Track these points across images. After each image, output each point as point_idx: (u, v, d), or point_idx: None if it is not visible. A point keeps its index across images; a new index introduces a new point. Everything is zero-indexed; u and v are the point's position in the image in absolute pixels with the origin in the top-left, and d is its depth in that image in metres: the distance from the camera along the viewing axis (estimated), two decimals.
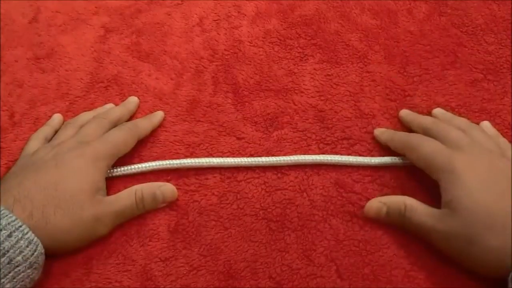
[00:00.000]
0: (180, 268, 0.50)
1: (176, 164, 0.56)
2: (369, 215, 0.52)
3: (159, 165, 0.56)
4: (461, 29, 0.65)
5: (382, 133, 0.56)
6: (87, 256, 0.51)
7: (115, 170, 0.55)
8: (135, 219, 0.53)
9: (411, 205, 0.49)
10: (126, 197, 0.52)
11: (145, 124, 0.58)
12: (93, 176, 0.50)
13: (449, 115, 0.57)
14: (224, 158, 0.56)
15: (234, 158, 0.56)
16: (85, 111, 0.61)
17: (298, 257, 0.50)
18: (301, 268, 0.50)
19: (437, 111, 0.58)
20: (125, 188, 0.53)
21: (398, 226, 0.51)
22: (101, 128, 0.55)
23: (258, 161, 0.55)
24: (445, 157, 0.48)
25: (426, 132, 0.53)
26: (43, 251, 0.46)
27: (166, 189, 0.54)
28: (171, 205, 0.54)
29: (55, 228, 0.47)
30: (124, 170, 0.55)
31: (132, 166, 0.55)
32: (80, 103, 0.62)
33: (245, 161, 0.55)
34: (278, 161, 0.55)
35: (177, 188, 0.55)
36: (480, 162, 0.47)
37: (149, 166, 0.55)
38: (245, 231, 0.52)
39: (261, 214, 0.53)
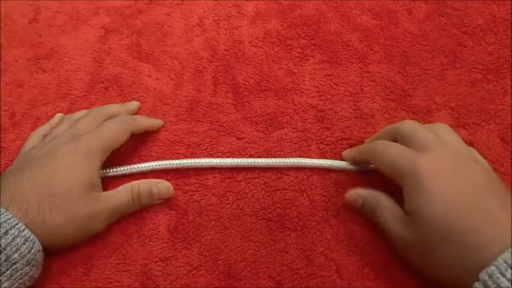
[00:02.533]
0: (180, 268, 0.50)
1: (176, 164, 0.56)
2: (347, 202, 0.52)
3: (158, 165, 0.56)
4: (461, 29, 0.65)
5: (348, 151, 0.56)
6: (87, 255, 0.51)
7: (114, 169, 0.55)
8: (134, 219, 0.53)
9: (382, 204, 0.48)
10: (122, 193, 0.52)
11: (141, 119, 0.58)
12: (86, 172, 0.50)
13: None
14: (223, 159, 0.56)
15: (233, 159, 0.56)
16: None
17: (298, 257, 0.50)
18: (301, 268, 0.50)
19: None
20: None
21: (371, 221, 0.51)
22: (95, 122, 0.55)
23: (257, 162, 0.56)
24: (410, 159, 0.46)
25: (394, 137, 0.52)
26: (40, 248, 0.46)
27: (163, 186, 0.54)
28: (171, 205, 0.54)
29: (51, 226, 0.47)
30: (123, 170, 0.55)
31: (131, 166, 0.55)
32: (80, 103, 0.62)
33: (244, 162, 0.55)
34: (276, 163, 0.55)
35: (177, 188, 0.55)
36: (446, 165, 0.46)
37: (148, 166, 0.55)
38: (245, 231, 0.52)
39: (261, 214, 0.53)
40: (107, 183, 0.54)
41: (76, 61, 0.66)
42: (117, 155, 0.57)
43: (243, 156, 0.57)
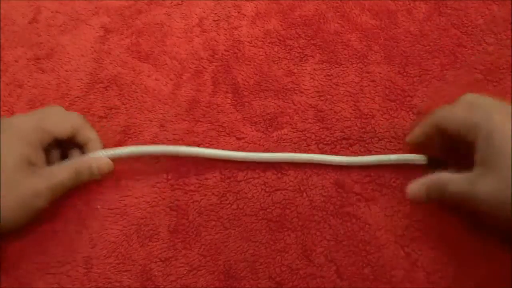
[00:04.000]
0: (180, 268, 0.50)
1: (154, 150, 0.56)
2: (413, 199, 0.51)
3: (139, 150, 0.56)
4: (461, 30, 0.65)
5: (412, 134, 0.55)
6: (87, 255, 0.51)
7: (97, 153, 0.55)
8: (134, 219, 0.53)
9: (445, 177, 0.48)
10: (62, 170, 0.52)
11: (90, 129, 0.57)
12: (22, 150, 0.50)
13: None
14: (204, 149, 0.56)
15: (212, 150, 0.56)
16: (85, 111, 0.61)
17: (298, 257, 0.50)
18: (300, 268, 0.50)
19: None
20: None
21: (441, 202, 0.50)
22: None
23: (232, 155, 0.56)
24: (484, 112, 0.46)
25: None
26: None
27: (102, 162, 0.54)
28: (171, 205, 0.54)
29: None
30: (105, 154, 0.55)
31: (113, 150, 0.56)
32: (80, 103, 0.62)
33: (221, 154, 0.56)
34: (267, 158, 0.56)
35: (177, 188, 0.55)
36: None
37: (129, 152, 0.55)
38: (245, 231, 0.52)
39: (261, 214, 0.53)
40: None
41: (75, 61, 0.66)
42: None
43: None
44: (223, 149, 0.57)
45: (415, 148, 0.55)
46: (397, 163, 0.55)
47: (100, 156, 0.55)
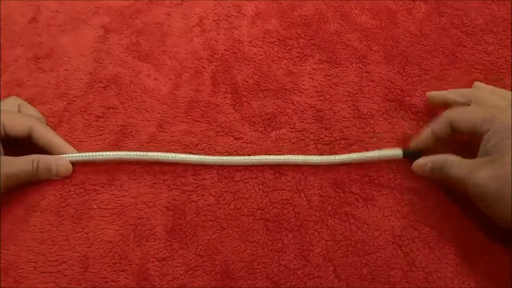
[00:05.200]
0: (176, 268, 0.50)
1: (142, 156, 0.56)
2: (415, 171, 0.54)
3: (124, 155, 0.56)
4: (460, 29, 0.64)
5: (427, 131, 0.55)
6: (83, 255, 0.51)
7: (80, 155, 0.56)
8: (131, 219, 0.53)
9: (452, 159, 0.49)
10: (22, 162, 0.53)
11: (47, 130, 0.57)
12: None
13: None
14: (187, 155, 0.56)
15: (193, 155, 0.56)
16: (82, 110, 0.61)
17: (295, 257, 0.50)
18: (298, 269, 0.50)
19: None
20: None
21: (441, 182, 0.52)
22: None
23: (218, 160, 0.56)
24: (502, 108, 0.48)
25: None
26: None
27: (62, 164, 0.55)
28: (168, 205, 0.54)
29: None
30: (89, 156, 0.56)
31: (97, 153, 0.56)
32: (78, 103, 0.62)
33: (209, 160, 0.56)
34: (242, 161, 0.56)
35: (175, 188, 0.55)
36: None
37: (114, 155, 0.56)
38: (242, 231, 0.52)
39: (259, 214, 0.53)
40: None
41: (75, 61, 0.66)
42: None
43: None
44: (221, 148, 0.57)
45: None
46: (373, 160, 0.55)
47: (61, 157, 0.55)
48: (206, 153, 0.57)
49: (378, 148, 0.56)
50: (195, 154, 0.56)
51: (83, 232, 0.53)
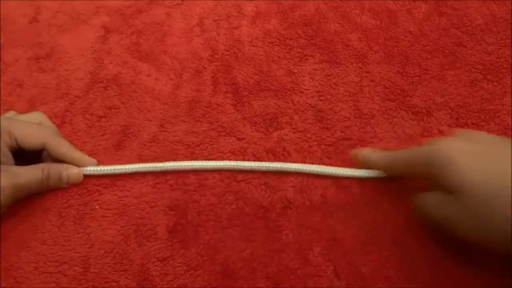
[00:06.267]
0: (177, 268, 0.50)
1: (159, 167, 0.56)
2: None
3: (141, 167, 0.56)
4: (460, 29, 0.64)
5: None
6: (84, 255, 0.51)
7: (95, 169, 0.56)
8: (132, 219, 0.53)
9: (421, 197, 0.48)
10: (32, 171, 0.52)
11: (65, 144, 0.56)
12: None
13: None
14: (205, 162, 0.56)
15: (216, 162, 0.56)
16: (84, 111, 0.61)
17: (295, 257, 0.50)
18: (298, 268, 0.50)
19: None
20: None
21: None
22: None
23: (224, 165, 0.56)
24: (436, 146, 0.46)
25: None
26: None
27: (72, 172, 0.55)
28: (170, 205, 0.54)
29: None
30: (104, 170, 0.56)
31: (113, 167, 0.56)
32: (79, 103, 0.62)
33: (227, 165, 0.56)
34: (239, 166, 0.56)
35: (177, 188, 0.55)
36: (470, 144, 0.45)
37: (131, 168, 0.56)
38: (243, 231, 0.52)
39: (260, 213, 0.53)
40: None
41: (76, 61, 0.66)
42: (115, 155, 0.57)
43: (244, 157, 0.57)
44: (224, 149, 0.57)
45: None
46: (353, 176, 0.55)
47: (72, 166, 0.55)
48: (209, 153, 0.57)
49: (379, 148, 0.56)
50: (198, 154, 0.57)
51: (85, 232, 0.53)
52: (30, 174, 0.52)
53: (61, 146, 0.55)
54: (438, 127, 0.57)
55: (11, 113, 0.57)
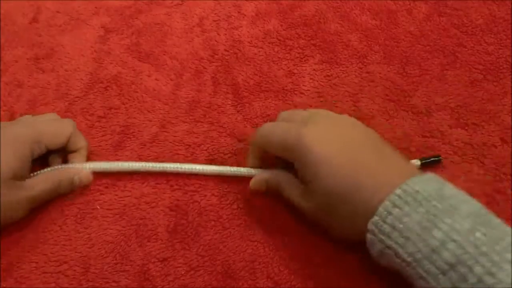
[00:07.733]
0: (178, 268, 0.50)
1: (158, 167, 0.56)
2: (253, 190, 0.54)
3: (140, 166, 0.56)
4: (461, 30, 0.64)
5: (248, 157, 0.56)
6: (84, 255, 0.51)
7: (93, 165, 0.56)
8: (133, 219, 0.53)
9: (284, 183, 0.51)
10: (44, 182, 0.53)
11: (80, 137, 0.56)
12: (7, 162, 0.49)
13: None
14: (205, 165, 0.56)
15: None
16: (84, 111, 0.61)
17: (296, 257, 0.50)
18: (299, 268, 0.50)
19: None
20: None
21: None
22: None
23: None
24: (295, 134, 0.48)
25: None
26: None
27: (83, 175, 0.55)
28: (171, 205, 0.54)
29: None
30: (103, 167, 0.56)
31: (111, 163, 0.56)
32: (79, 103, 0.62)
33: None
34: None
35: (178, 189, 0.55)
36: (325, 131, 0.48)
37: (130, 166, 0.56)
38: (244, 231, 0.52)
39: (261, 214, 0.53)
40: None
41: (75, 61, 0.66)
42: (115, 156, 0.57)
43: (244, 157, 0.57)
44: (225, 149, 0.57)
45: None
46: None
47: (81, 168, 0.55)
48: (210, 154, 0.57)
49: None
50: (198, 154, 0.57)
51: (85, 232, 0.53)
52: (43, 184, 0.52)
53: (81, 138, 0.56)
54: (438, 127, 0.57)
55: (27, 117, 0.57)
